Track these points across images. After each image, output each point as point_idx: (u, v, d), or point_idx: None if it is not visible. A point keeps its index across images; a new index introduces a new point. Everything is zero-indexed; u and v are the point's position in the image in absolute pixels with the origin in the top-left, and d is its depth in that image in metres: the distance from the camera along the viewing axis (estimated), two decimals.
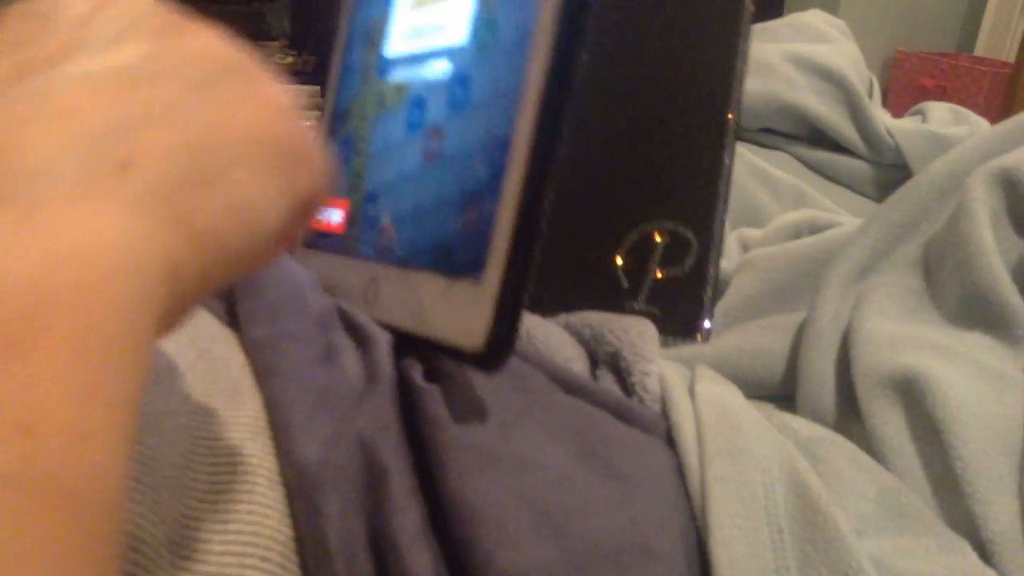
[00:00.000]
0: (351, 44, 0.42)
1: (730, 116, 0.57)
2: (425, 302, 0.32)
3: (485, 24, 0.32)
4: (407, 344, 0.38)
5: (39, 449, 0.15)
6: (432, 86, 0.35)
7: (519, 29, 0.30)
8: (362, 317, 0.39)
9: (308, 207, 0.25)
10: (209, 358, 0.35)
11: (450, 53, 0.34)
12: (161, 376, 0.32)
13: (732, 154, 0.58)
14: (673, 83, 0.60)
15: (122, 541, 0.17)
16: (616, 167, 0.59)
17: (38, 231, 0.16)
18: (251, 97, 0.22)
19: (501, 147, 0.29)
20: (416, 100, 0.36)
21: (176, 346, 0.34)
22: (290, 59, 2.27)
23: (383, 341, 0.38)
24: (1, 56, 0.21)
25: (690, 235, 0.57)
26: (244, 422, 0.33)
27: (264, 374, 0.35)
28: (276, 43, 2.34)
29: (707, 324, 0.56)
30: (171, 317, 0.20)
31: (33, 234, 0.16)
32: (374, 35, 0.40)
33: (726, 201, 0.57)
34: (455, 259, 0.31)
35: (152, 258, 0.18)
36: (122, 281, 0.17)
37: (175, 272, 0.19)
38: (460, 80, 0.33)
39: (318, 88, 1.73)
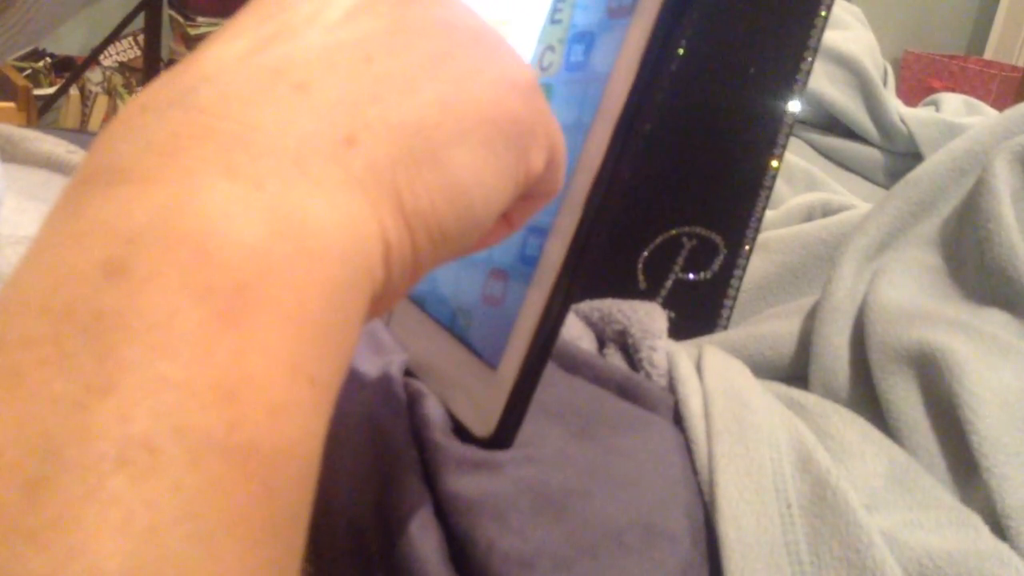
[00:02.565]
0: None
1: (788, 122, 0.52)
2: (436, 358, 0.32)
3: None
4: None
5: (242, 418, 0.15)
6: None
7: (578, 112, 0.28)
8: (378, 323, 0.38)
9: (538, 189, 0.24)
10: None
11: None
12: None
13: (781, 160, 0.53)
14: (731, 84, 0.54)
15: (309, 516, 0.17)
16: (658, 169, 0.54)
17: (260, 205, 0.16)
18: (488, 71, 0.21)
19: (539, 234, 0.28)
20: None
21: None
22: None
23: (396, 347, 0.37)
24: (249, 28, 0.21)
25: (719, 241, 0.54)
26: None
27: None
28: None
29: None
30: (382, 300, 0.20)
31: (254, 208, 0.16)
32: None
33: (764, 209, 0.54)
34: (470, 333, 0.30)
35: (367, 240, 0.18)
36: (337, 262, 0.17)
37: (388, 254, 0.19)
38: None
39: None
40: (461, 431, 0.30)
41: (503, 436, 0.28)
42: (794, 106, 0.52)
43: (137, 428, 0.13)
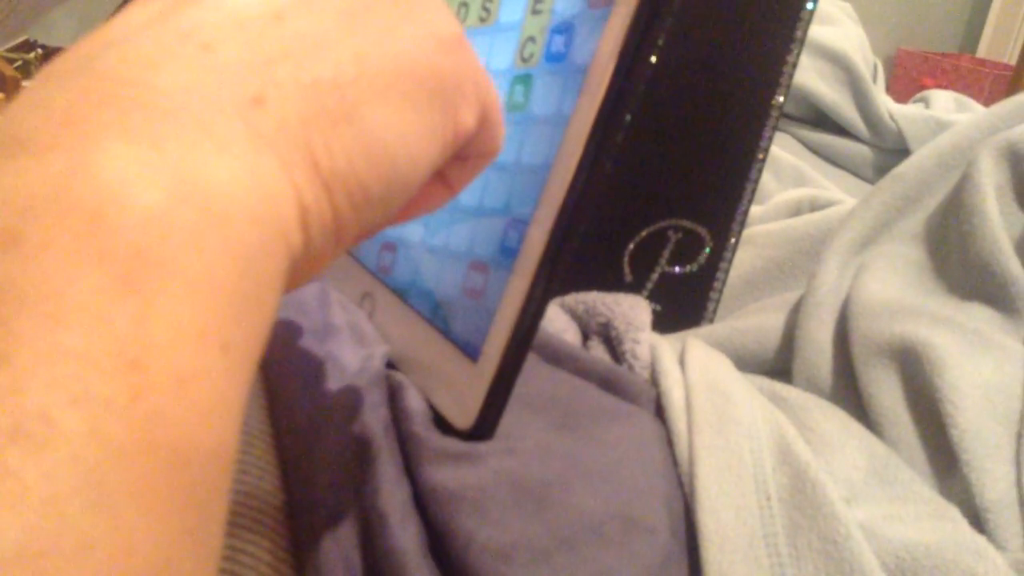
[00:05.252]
0: None
1: (773, 115, 0.52)
2: (418, 350, 0.32)
3: (521, 87, 0.30)
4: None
5: (146, 386, 0.14)
6: None
7: (558, 103, 0.28)
8: (361, 315, 0.38)
9: (475, 149, 0.23)
10: None
11: None
12: None
13: (767, 152, 0.53)
14: (717, 76, 0.53)
15: (229, 491, 0.16)
16: (643, 162, 0.53)
17: (158, 167, 0.16)
18: (409, 24, 0.21)
19: (518, 227, 0.28)
20: None
21: None
22: None
23: (378, 339, 0.37)
24: None
25: (705, 234, 0.54)
26: None
27: None
28: None
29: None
30: (304, 266, 0.19)
31: (153, 170, 0.16)
32: None
33: (750, 202, 0.54)
34: (452, 326, 0.30)
35: (279, 202, 0.17)
36: (246, 224, 0.16)
37: (305, 217, 0.18)
38: None
39: None
40: (442, 423, 0.30)
41: (483, 428, 0.27)
42: (780, 98, 0.51)
43: (31, 400, 0.13)
